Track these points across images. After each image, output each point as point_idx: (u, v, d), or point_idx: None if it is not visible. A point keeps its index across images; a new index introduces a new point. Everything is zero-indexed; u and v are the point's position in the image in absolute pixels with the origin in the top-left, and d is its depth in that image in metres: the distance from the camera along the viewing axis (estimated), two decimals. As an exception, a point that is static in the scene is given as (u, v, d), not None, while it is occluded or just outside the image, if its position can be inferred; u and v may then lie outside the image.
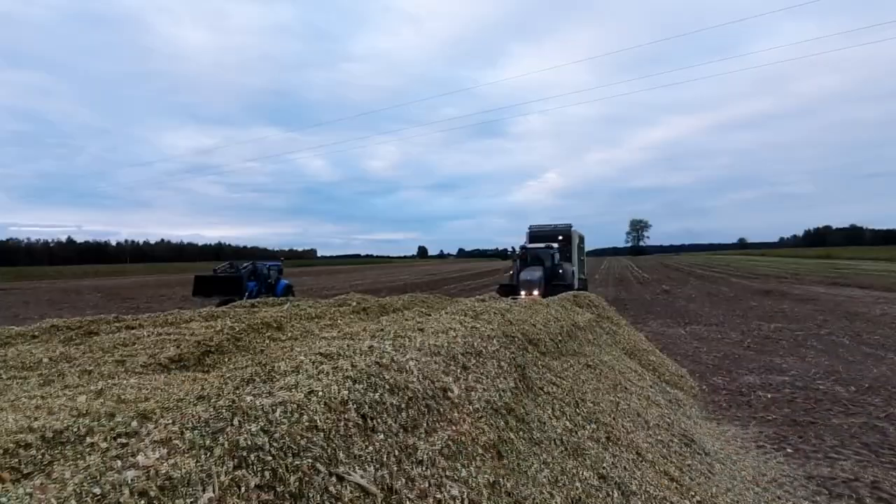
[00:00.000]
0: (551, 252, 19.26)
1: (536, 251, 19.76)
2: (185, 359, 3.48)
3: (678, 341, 11.80)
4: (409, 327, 3.59)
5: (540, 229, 22.11)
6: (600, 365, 5.78)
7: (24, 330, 4.76)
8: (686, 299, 21.76)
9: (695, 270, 47.20)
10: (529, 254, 19.88)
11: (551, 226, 22.47)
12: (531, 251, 19.88)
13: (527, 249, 19.99)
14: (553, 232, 22.34)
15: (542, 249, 19.52)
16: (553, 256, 19.17)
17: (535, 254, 19.71)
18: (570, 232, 22.31)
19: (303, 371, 2.24)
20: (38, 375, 3.07)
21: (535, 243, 20.75)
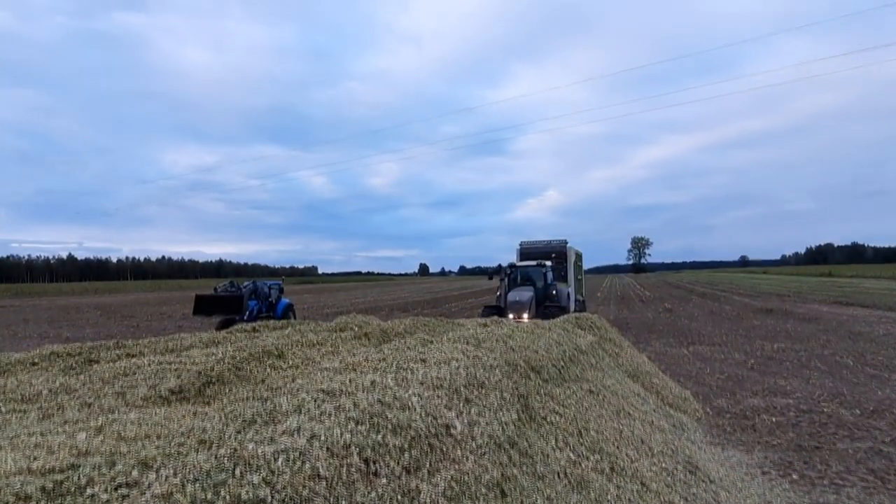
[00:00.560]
0: (543, 270, 17.77)
1: (527, 269, 18.27)
2: (186, 390, 3.44)
3: (681, 362, 11.72)
4: (411, 358, 3.57)
5: (532, 246, 20.61)
6: (603, 390, 5.73)
7: (23, 357, 4.73)
8: (688, 318, 21.66)
9: (697, 289, 47.10)
10: (519, 272, 18.41)
11: (544, 242, 20.86)
12: (521, 269, 18.38)
13: (516, 267, 18.42)
14: (546, 249, 20.83)
15: (533, 268, 18.07)
16: (545, 275, 17.67)
17: (526, 272, 18.26)
18: (565, 249, 20.74)
19: (304, 411, 2.22)
20: (37, 409, 3.04)
21: (526, 261, 19.10)
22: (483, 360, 3.88)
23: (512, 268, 18.31)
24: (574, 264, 20.73)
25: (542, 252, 20.27)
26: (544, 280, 17.55)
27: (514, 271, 18.33)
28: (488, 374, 3.71)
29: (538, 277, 17.90)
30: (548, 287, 17.50)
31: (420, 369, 3.23)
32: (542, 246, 20.90)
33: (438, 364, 3.46)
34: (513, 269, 18.31)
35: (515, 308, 15.52)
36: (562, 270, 19.83)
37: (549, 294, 17.00)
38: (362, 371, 3.22)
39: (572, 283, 19.86)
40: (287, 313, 16.90)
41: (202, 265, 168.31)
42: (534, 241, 20.82)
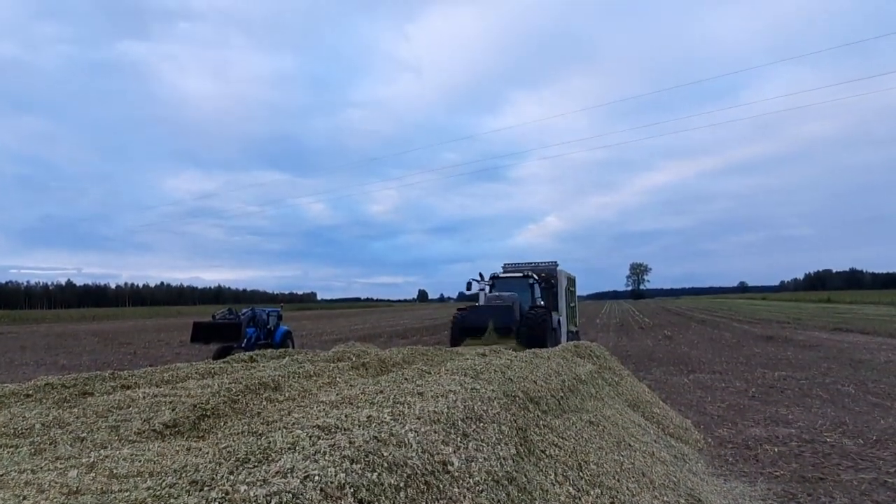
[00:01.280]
0: (530, 282, 16.12)
1: (509, 282, 16.39)
2: (181, 423, 3.40)
3: (682, 390, 11.61)
4: (408, 391, 3.53)
5: (516, 269, 17.78)
6: (603, 421, 5.67)
7: (17, 388, 4.68)
8: (688, 346, 21.53)
9: (696, 315, 46.94)
10: (499, 285, 16.47)
11: (531, 264, 18.42)
12: (501, 282, 16.43)
13: (496, 279, 16.51)
14: (534, 272, 18.22)
15: (517, 280, 16.28)
16: (532, 289, 16.08)
17: (507, 285, 16.37)
18: (555, 272, 18.42)
19: (299, 449, 2.19)
20: (29, 444, 3.00)
21: (509, 273, 17.14)
22: (481, 393, 3.85)
23: (493, 278, 16.75)
24: (566, 290, 18.94)
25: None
26: (531, 295, 16.02)
27: (494, 283, 16.63)
28: (486, 406, 3.67)
29: (523, 291, 16.14)
30: (535, 305, 15.69)
31: (417, 403, 3.20)
32: (527, 269, 18.41)
33: (436, 397, 3.43)
34: (493, 281, 16.69)
35: (488, 317, 14.08)
36: (551, 297, 17.82)
37: (535, 315, 14.56)
38: (359, 405, 3.19)
39: (564, 312, 18.03)
40: (285, 341, 16.80)
41: (201, 291, 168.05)
42: (518, 264, 18.54)
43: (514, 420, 3.84)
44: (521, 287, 16.43)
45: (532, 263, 19.14)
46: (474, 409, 3.48)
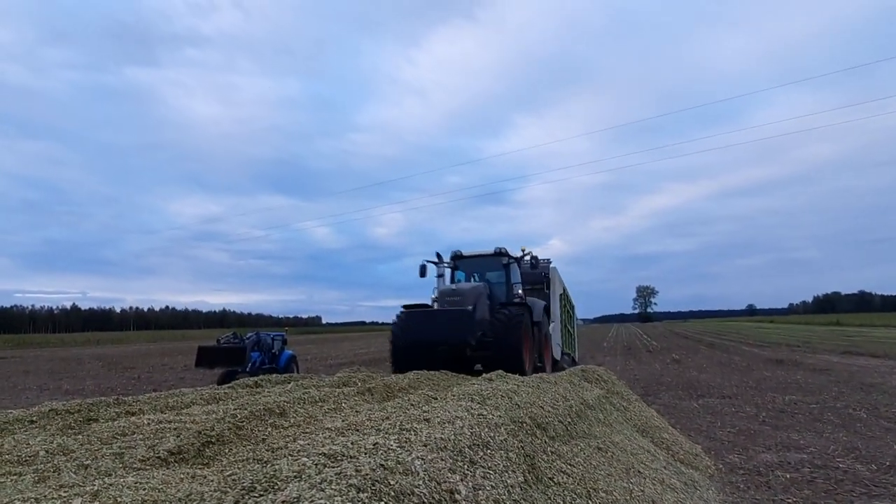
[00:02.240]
0: (504, 262, 11.73)
1: (477, 263, 12.19)
2: (185, 451, 3.36)
3: (691, 415, 11.45)
4: (414, 417, 3.49)
5: (480, 258, 12.35)
6: (612, 447, 5.59)
7: (22, 415, 4.66)
8: (697, 369, 21.29)
9: (704, 338, 46.50)
10: (464, 268, 12.41)
11: (514, 256, 12.52)
12: (467, 262, 12.29)
13: (461, 258, 12.26)
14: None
15: (488, 258, 11.91)
16: (508, 272, 11.75)
17: (476, 267, 12.30)
18: (549, 272, 14.84)
19: (305, 477, 2.16)
20: (33, 471, 2.97)
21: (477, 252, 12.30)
22: (488, 419, 3.80)
23: (455, 259, 12.27)
24: (560, 297, 15.28)
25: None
26: (506, 282, 11.65)
27: (457, 266, 12.40)
28: (493, 433, 3.63)
29: (495, 276, 12.00)
30: (510, 295, 11.47)
31: (424, 429, 3.16)
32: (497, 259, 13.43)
33: (443, 424, 3.39)
34: (455, 262, 12.37)
35: (431, 330, 9.69)
36: (544, 303, 13.32)
37: (507, 316, 10.02)
38: (365, 432, 3.15)
39: (557, 323, 14.57)
40: (290, 365, 16.72)
41: (206, 315, 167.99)
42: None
43: (521, 447, 3.79)
44: (492, 270, 12.20)
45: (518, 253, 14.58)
46: (481, 436, 3.44)
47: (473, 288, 11.10)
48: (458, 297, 10.72)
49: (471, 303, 10.42)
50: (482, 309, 10.68)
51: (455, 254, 12.51)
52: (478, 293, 10.89)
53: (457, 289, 11.08)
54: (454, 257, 12.52)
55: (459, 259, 12.58)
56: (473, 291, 10.92)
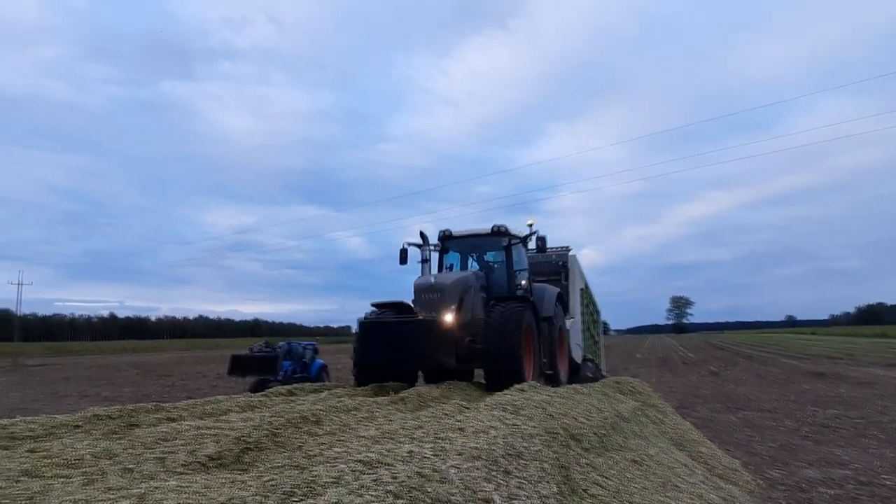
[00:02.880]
0: (504, 243, 9.38)
1: (473, 244, 10.03)
2: (224, 456, 3.44)
3: (729, 429, 11.17)
4: (448, 426, 3.51)
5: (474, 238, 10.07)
6: (647, 460, 5.49)
7: (67, 419, 4.82)
8: (735, 382, 20.76)
9: (742, 350, 45.31)
10: (456, 249, 10.15)
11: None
12: (460, 242, 10.06)
13: (449, 243, 10.03)
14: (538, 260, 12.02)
15: (486, 238, 9.65)
16: (509, 255, 9.43)
17: (471, 248, 10.14)
18: (566, 259, 12.96)
19: (343, 483, 2.19)
20: (80, 474, 3.08)
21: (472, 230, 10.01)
22: (522, 429, 3.78)
23: (444, 239, 10.01)
24: (581, 292, 13.22)
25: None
26: (507, 268, 9.42)
27: (446, 248, 10.08)
28: (527, 443, 3.60)
29: (492, 261, 9.99)
30: (512, 285, 9.32)
31: (458, 439, 3.16)
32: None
33: (476, 433, 3.39)
34: (443, 243, 10.03)
35: (380, 349, 7.81)
36: (563, 295, 11.58)
37: (502, 315, 8.01)
38: (399, 440, 3.18)
39: (577, 320, 12.60)
40: (321, 374, 16.88)
41: (238, 324, 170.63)
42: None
43: (555, 458, 3.75)
44: (490, 253, 10.07)
45: (533, 249, 12.26)
46: (515, 446, 3.42)
47: (459, 279, 8.55)
48: (436, 292, 8.24)
49: (454, 299, 8.20)
50: (473, 306, 8.54)
51: (443, 233, 10.00)
52: (465, 285, 8.47)
53: (435, 282, 8.43)
54: (443, 237, 10.04)
55: (449, 240, 10.07)
56: (459, 284, 8.42)
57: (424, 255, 9.98)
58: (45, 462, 3.35)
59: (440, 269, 10.20)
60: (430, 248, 10.01)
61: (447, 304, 8.16)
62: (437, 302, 8.20)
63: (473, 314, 8.56)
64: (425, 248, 10.01)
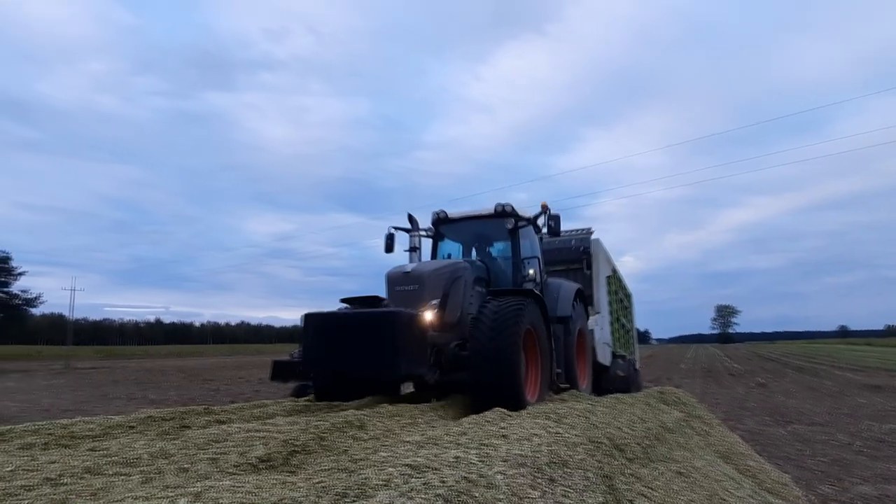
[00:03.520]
0: (509, 226, 7.92)
1: (471, 227, 8.59)
2: (273, 458, 3.54)
3: (778, 443, 10.82)
4: (492, 433, 3.52)
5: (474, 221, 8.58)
6: (693, 472, 5.36)
7: (122, 420, 5.04)
8: (784, 394, 20.06)
9: (792, 361, 43.70)
10: (452, 233, 8.75)
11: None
12: (457, 226, 8.66)
13: (444, 227, 8.69)
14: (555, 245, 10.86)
15: (487, 220, 8.23)
16: (516, 239, 8.01)
17: (468, 232, 8.72)
18: (588, 244, 11.42)
19: (394, 486, 2.23)
20: (139, 472, 3.22)
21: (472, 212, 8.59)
22: (565, 437, 3.77)
23: (438, 223, 8.67)
24: (609, 281, 11.52)
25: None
26: (514, 256, 7.97)
27: (441, 234, 8.70)
28: (571, 452, 3.59)
29: (499, 244, 8.55)
30: (518, 276, 7.88)
31: (502, 445, 3.18)
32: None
33: (520, 441, 3.39)
34: (437, 227, 8.69)
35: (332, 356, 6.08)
36: (584, 287, 10.08)
37: (498, 312, 6.24)
38: (444, 446, 3.21)
39: (605, 315, 10.98)
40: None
41: (278, 330, 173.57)
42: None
43: (599, 467, 3.72)
44: (493, 239, 8.60)
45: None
46: (559, 454, 3.41)
47: (444, 267, 7.10)
48: (412, 283, 6.81)
49: (436, 292, 6.70)
50: (463, 302, 7.00)
51: (437, 215, 8.62)
52: (452, 275, 6.96)
53: (412, 271, 6.95)
54: (437, 221, 8.62)
55: (444, 223, 8.63)
56: (443, 273, 6.95)
57: (414, 242, 8.36)
58: (105, 460, 3.51)
59: (434, 258, 8.70)
60: (420, 234, 8.43)
61: (426, 299, 6.61)
62: (413, 295, 6.69)
63: (464, 312, 6.89)
64: (415, 234, 8.37)
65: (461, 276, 7.13)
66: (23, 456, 3.82)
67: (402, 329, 5.77)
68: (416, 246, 8.36)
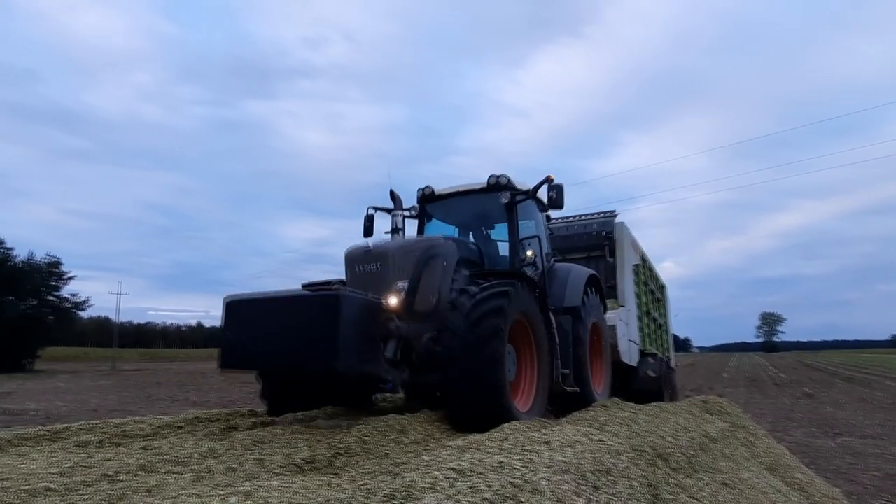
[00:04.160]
0: (505, 200, 6.73)
1: (464, 203, 7.39)
2: (318, 460, 3.62)
3: (827, 455, 10.44)
4: (534, 439, 3.52)
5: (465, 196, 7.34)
6: (739, 483, 5.22)
7: (171, 420, 5.23)
8: (833, 405, 19.33)
9: (841, 371, 42.06)
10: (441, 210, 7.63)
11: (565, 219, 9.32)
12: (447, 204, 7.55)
13: (431, 206, 7.63)
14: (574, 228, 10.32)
15: (478, 196, 7.14)
16: (512, 217, 6.91)
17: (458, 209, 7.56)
18: (611, 227, 10.35)
19: (440, 489, 2.25)
20: (190, 471, 3.33)
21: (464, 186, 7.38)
22: (608, 445, 3.73)
23: (424, 200, 7.63)
24: (637, 270, 10.50)
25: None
26: (509, 233, 6.94)
27: (429, 212, 7.63)
28: (614, 460, 3.54)
29: (494, 223, 7.54)
30: (516, 259, 6.79)
31: (545, 452, 3.17)
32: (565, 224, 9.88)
33: (563, 447, 3.37)
34: (423, 205, 7.63)
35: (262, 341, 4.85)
36: (603, 274, 9.24)
37: (475, 300, 5.13)
38: (487, 451, 3.22)
39: (631, 310, 9.98)
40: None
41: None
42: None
43: (644, 476, 3.66)
44: (490, 218, 7.55)
45: (566, 218, 10.38)
46: (603, 462, 3.38)
47: (415, 244, 6.19)
48: (374, 262, 5.82)
49: (402, 273, 5.64)
50: (441, 287, 5.83)
51: (424, 192, 7.58)
52: (425, 253, 5.82)
53: (374, 248, 5.94)
54: (423, 198, 7.61)
55: (431, 200, 7.60)
56: (411, 250, 5.94)
57: (396, 222, 7.16)
58: (157, 459, 3.65)
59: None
60: (403, 213, 7.30)
61: (391, 281, 5.54)
62: (376, 277, 5.68)
63: (443, 299, 5.65)
64: (398, 214, 7.23)
65: (438, 254, 5.93)
66: (80, 453, 3.99)
67: (343, 316, 4.43)
68: (399, 227, 7.18)
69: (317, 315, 4.53)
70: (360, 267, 5.89)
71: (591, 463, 3.23)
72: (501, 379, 4.92)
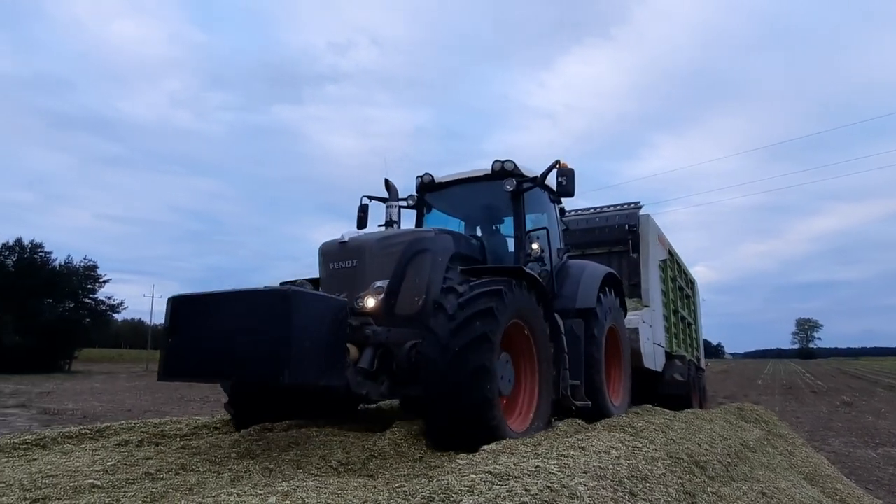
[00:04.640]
0: (511, 188, 6.04)
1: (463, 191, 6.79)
2: (352, 463, 3.67)
3: (868, 466, 10.11)
4: (569, 445, 3.49)
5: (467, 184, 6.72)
6: (777, 493, 5.10)
7: (208, 421, 5.35)
8: (874, 414, 18.70)
9: (882, 379, 40.65)
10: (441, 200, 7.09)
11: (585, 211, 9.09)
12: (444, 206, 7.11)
13: (431, 196, 7.06)
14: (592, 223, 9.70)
15: (480, 184, 6.57)
16: (518, 209, 6.34)
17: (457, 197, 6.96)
18: (636, 220, 9.63)
19: (478, 492, 2.26)
20: (228, 471, 3.41)
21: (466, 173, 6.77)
22: (644, 452, 3.68)
23: (424, 189, 7.05)
24: (663, 266, 9.82)
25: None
26: (515, 225, 6.40)
27: (428, 202, 7.09)
28: (650, 466, 3.49)
29: (498, 209, 6.80)
30: (521, 254, 6.20)
31: (581, 457, 3.14)
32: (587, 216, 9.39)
33: (598, 453, 3.34)
34: (422, 194, 7.09)
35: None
36: (626, 272, 9.01)
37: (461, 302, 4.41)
38: (522, 455, 3.21)
39: (658, 310, 9.24)
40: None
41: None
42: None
43: (680, 483, 3.60)
44: (496, 210, 6.88)
45: (588, 210, 9.78)
46: (639, 468, 3.33)
47: (396, 238, 5.47)
48: (349, 259, 5.12)
49: (381, 271, 5.01)
50: (429, 286, 5.19)
51: (423, 179, 6.97)
52: (410, 248, 5.25)
53: (350, 241, 5.23)
54: (422, 186, 7.02)
55: (430, 189, 7.01)
56: (392, 245, 5.27)
57: (391, 213, 6.50)
58: (196, 458, 3.74)
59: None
60: (398, 204, 6.63)
61: (368, 280, 4.91)
62: (351, 275, 5.02)
63: (429, 300, 5.01)
64: (393, 204, 6.56)
65: (426, 249, 5.28)
66: (121, 452, 4.12)
67: (295, 318, 3.68)
68: (395, 219, 6.50)
69: (265, 316, 3.75)
70: (334, 263, 5.17)
71: (627, 469, 3.19)
72: (488, 393, 4.23)
